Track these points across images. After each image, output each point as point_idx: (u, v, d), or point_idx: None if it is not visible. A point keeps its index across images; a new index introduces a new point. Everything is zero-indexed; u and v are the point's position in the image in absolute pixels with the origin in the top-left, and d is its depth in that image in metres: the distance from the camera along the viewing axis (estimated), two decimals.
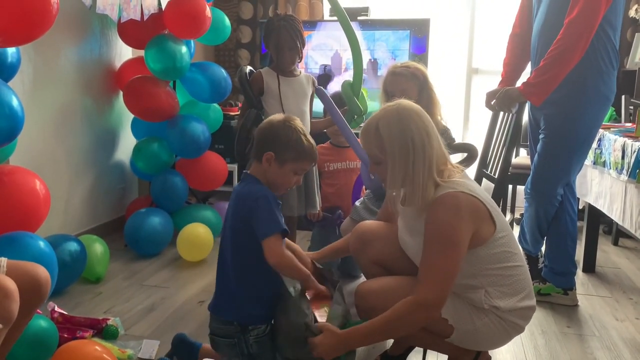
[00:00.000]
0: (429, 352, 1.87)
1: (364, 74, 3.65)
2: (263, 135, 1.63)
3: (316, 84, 2.47)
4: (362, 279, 1.96)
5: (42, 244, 2.03)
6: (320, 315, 1.59)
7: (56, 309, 2.12)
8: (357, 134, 2.31)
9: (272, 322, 1.60)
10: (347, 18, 2.33)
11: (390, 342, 1.89)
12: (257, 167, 1.63)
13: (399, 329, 1.50)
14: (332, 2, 2.36)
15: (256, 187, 1.58)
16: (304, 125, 2.34)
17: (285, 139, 1.58)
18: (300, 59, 2.40)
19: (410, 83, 2.16)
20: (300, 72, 2.44)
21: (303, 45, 2.37)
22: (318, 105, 2.55)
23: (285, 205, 2.32)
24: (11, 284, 1.29)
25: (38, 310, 1.66)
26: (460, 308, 1.56)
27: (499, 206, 2.34)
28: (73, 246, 2.42)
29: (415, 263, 1.65)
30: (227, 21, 3.30)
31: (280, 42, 2.31)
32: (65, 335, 1.94)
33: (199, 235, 2.91)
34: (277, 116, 1.66)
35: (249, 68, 2.43)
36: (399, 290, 1.58)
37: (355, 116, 2.41)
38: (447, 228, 1.46)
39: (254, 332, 1.57)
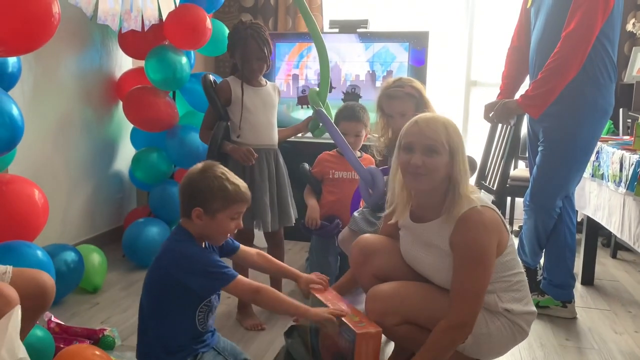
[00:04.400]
0: None
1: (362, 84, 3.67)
2: (184, 191, 1.57)
3: (282, 93, 2.43)
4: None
5: (39, 253, 2.03)
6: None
7: (53, 319, 2.10)
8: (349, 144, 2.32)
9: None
10: (317, 26, 2.29)
11: (390, 350, 1.89)
12: (188, 223, 1.57)
13: (441, 354, 1.53)
14: (302, 9, 2.30)
15: (189, 249, 1.54)
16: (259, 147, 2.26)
17: (208, 190, 1.52)
18: (268, 67, 2.32)
19: (406, 104, 2.16)
20: (266, 82, 2.37)
21: (270, 53, 2.28)
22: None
23: (260, 221, 2.27)
24: (13, 293, 1.31)
25: None
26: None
27: None
28: (71, 256, 2.41)
29: (428, 278, 1.67)
30: (227, 32, 3.32)
31: (247, 52, 2.21)
32: (62, 346, 1.93)
33: None
34: (195, 168, 1.59)
35: (211, 76, 2.34)
36: (411, 296, 1.63)
37: (321, 124, 2.38)
38: (478, 248, 1.50)
39: None
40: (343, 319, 1.56)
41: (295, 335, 1.76)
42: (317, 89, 2.34)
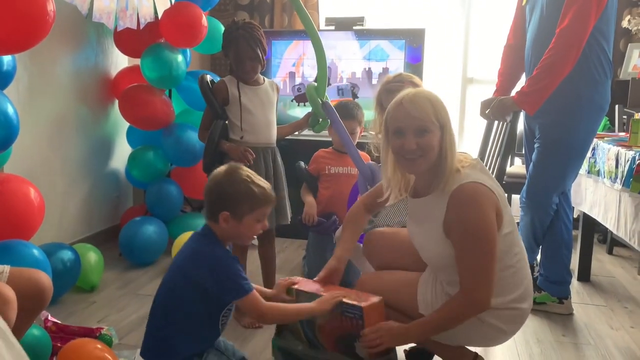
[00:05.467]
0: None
1: (350, 84, 3.67)
2: (211, 195, 1.57)
3: (280, 90, 2.41)
4: None
5: (36, 252, 2.03)
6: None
7: (49, 317, 2.10)
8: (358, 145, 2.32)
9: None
10: (311, 20, 2.28)
11: None
12: (215, 225, 1.57)
13: (451, 324, 1.54)
14: (297, 4, 2.29)
15: (214, 251, 1.53)
16: (270, 134, 2.28)
17: (235, 194, 1.53)
18: (263, 67, 2.30)
19: None
20: (264, 80, 2.36)
21: (265, 52, 2.26)
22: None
23: None
24: (10, 292, 1.32)
25: None
26: (437, 303, 1.60)
27: None
28: (67, 255, 2.41)
29: (419, 252, 1.67)
30: (222, 30, 3.31)
31: (239, 53, 2.20)
32: (59, 345, 1.92)
33: None
34: (220, 171, 1.59)
35: (209, 76, 2.33)
36: (387, 280, 1.75)
37: (320, 119, 2.36)
38: (476, 224, 1.48)
39: None
40: (343, 299, 1.59)
41: (287, 334, 1.77)
42: (315, 84, 2.34)
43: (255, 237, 1.65)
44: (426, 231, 1.61)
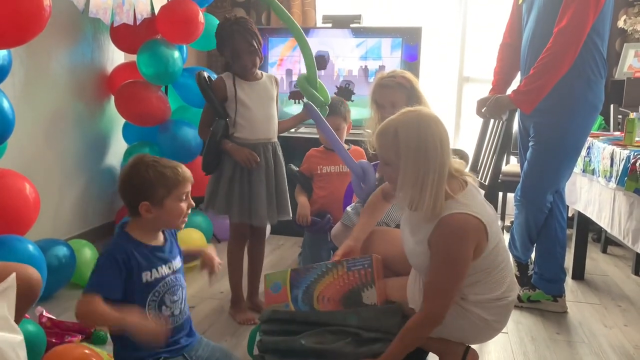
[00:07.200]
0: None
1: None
2: (124, 192, 1.55)
3: (279, 83, 2.39)
4: None
5: (31, 247, 2.02)
6: None
7: (44, 313, 2.10)
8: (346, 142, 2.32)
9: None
10: (286, 12, 2.28)
11: None
12: (138, 221, 1.54)
13: (412, 342, 1.59)
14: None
15: (109, 246, 1.52)
16: (253, 128, 2.25)
17: (146, 181, 1.50)
18: (261, 59, 2.26)
19: (397, 93, 2.16)
20: (262, 74, 2.33)
21: (260, 45, 2.22)
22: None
23: (255, 216, 2.25)
24: None
25: (26, 315, 1.65)
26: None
27: None
28: (62, 251, 2.40)
29: (408, 258, 1.71)
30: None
31: (237, 48, 2.17)
32: (54, 340, 1.93)
33: (192, 241, 2.89)
34: (125, 167, 1.58)
35: (206, 73, 2.29)
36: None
37: (318, 108, 2.33)
38: (453, 251, 1.53)
39: None
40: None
41: (271, 328, 1.73)
42: (305, 74, 2.30)
43: (185, 218, 1.61)
44: (415, 241, 1.64)
